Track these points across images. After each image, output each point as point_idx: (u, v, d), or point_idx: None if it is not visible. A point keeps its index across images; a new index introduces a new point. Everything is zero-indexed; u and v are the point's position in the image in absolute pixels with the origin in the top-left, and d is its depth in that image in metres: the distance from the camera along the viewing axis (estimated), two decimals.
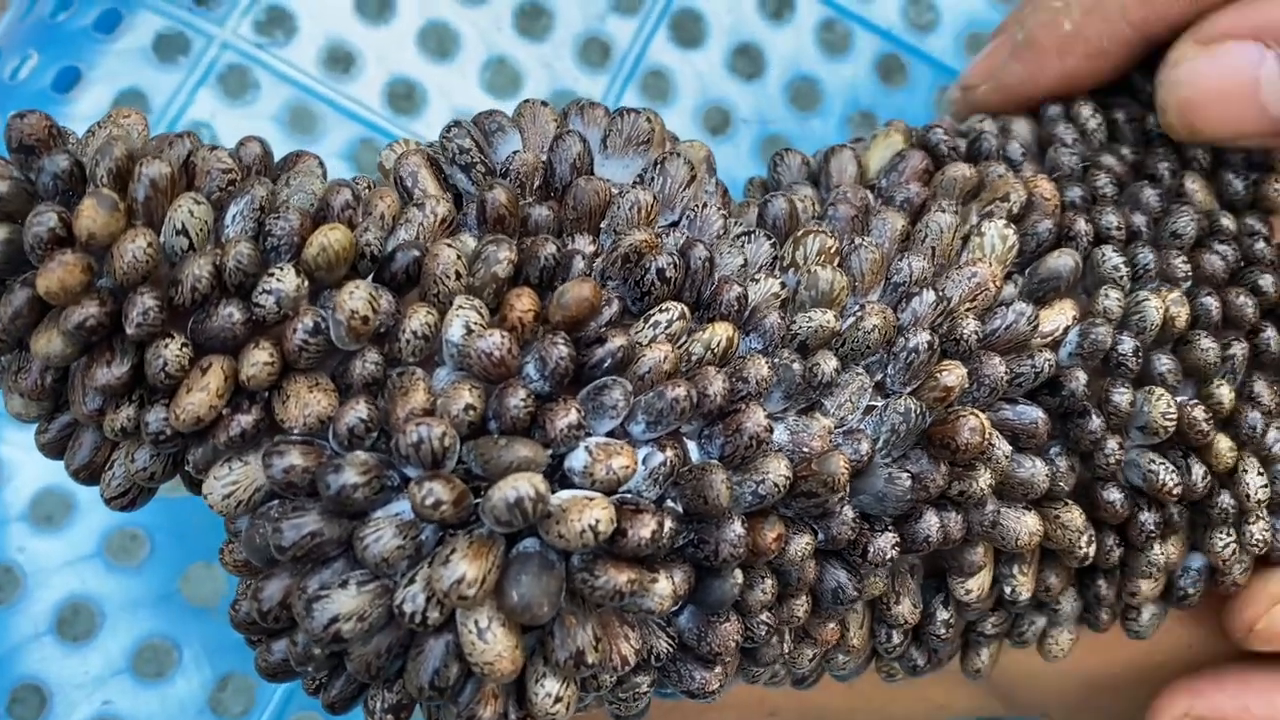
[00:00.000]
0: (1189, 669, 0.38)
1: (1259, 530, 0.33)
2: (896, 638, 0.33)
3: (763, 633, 0.29)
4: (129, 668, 0.45)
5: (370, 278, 0.28)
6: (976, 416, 0.29)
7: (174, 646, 0.45)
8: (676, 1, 0.54)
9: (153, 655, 0.45)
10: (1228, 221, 0.35)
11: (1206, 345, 0.33)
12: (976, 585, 0.32)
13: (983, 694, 0.41)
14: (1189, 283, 0.34)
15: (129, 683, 0.44)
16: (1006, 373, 0.30)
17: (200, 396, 0.26)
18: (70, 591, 0.45)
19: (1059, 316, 0.32)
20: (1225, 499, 0.33)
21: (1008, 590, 0.33)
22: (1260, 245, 0.35)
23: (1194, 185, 0.35)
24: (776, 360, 0.29)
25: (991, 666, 0.36)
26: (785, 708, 0.41)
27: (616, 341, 0.27)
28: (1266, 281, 0.34)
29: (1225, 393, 0.32)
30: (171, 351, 0.26)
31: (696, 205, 0.31)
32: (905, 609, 0.32)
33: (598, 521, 0.25)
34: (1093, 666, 0.39)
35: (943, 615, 0.33)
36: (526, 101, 0.32)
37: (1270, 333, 0.34)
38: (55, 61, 0.49)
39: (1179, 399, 0.32)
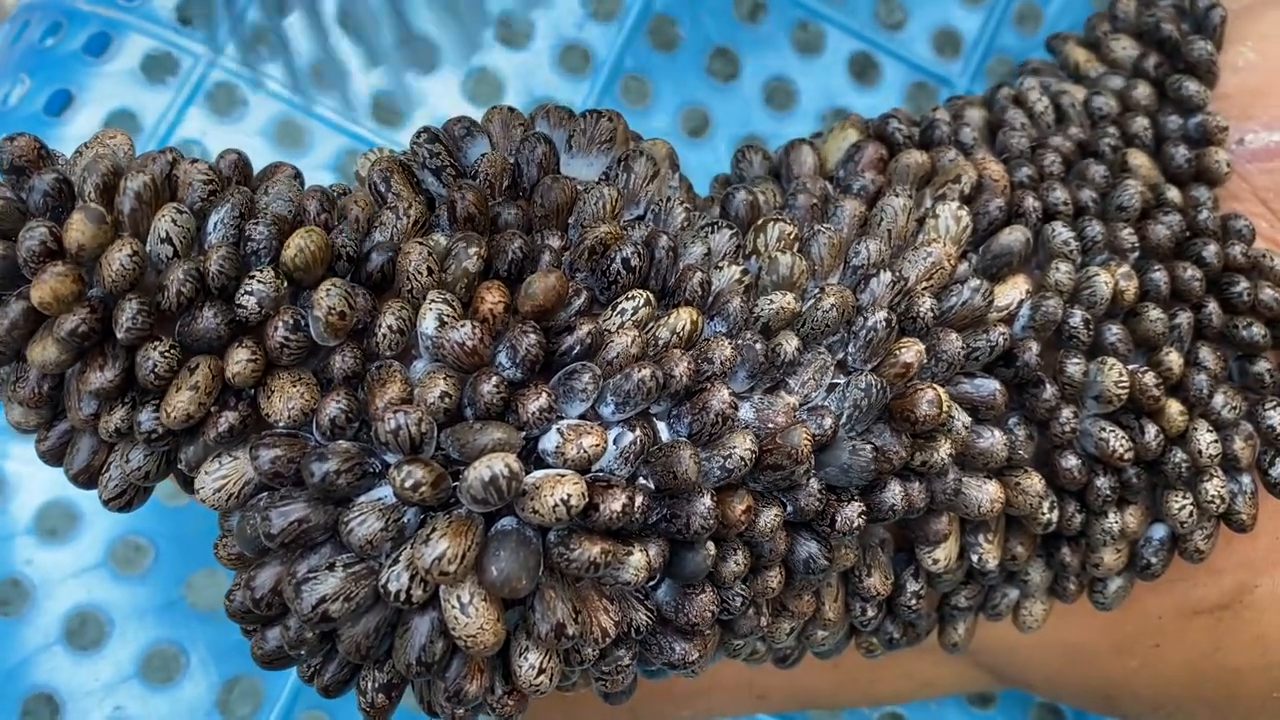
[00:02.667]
0: (1160, 639, 0.39)
1: (1214, 487, 0.34)
2: (870, 610, 0.34)
3: (738, 604, 0.30)
4: (138, 674, 0.46)
5: (347, 278, 0.29)
6: (934, 390, 0.30)
7: (181, 652, 0.46)
8: (652, 7, 0.55)
9: (161, 661, 0.47)
10: (1172, 194, 0.36)
11: (1155, 316, 0.34)
12: (943, 554, 0.33)
13: (967, 668, 0.42)
14: (1136, 253, 0.35)
15: (139, 688, 0.46)
16: (963, 348, 0.32)
17: (189, 395, 0.28)
18: (78, 602, 0.46)
19: (1012, 291, 0.33)
20: (1178, 456, 0.34)
21: (975, 559, 0.34)
22: (1204, 215, 0.36)
23: (1138, 160, 0.37)
24: (740, 342, 0.30)
25: (968, 640, 0.38)
26: (774, 689, 0.43)
27: (585, 329, 0.29)
28: (1210, 252, 0.35)
29: (1174, 359, 0.34)
30: (160, 353, 0.28)
31: (660, 199, 0.33)
32: (877, 581, 0.33)
33: (569, 496, 0.26)
34: (1069, 637, 0.40)
35: (913, 586, 0.34)
36: (494, 107, 0.34)
37: (1212, 306, 0.35)
38: (47, 85, 0.51)
39: (1130, 367, 0.33)
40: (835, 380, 0.31)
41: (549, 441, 0.28)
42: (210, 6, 0.52)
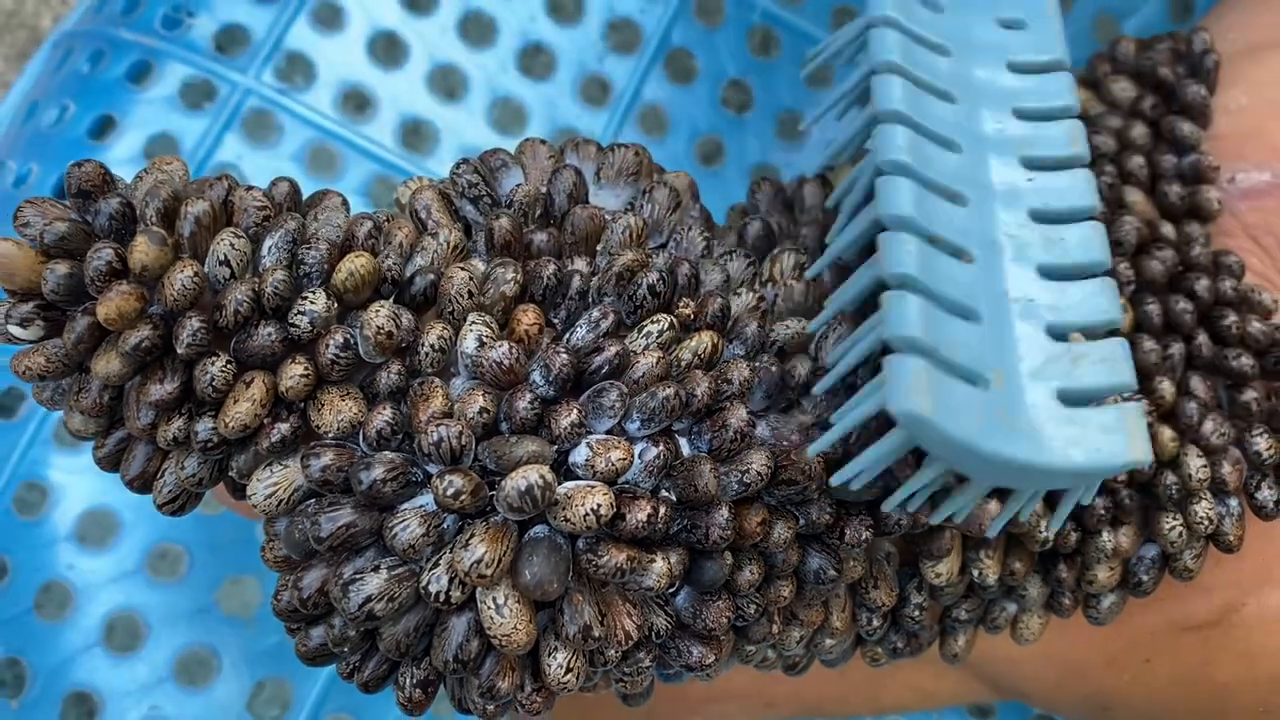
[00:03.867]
0: (1152, 654, 0.41)
1: (1203, 509, 0.36)
2: (876, 621, 0.36)
3: (752, 611, 0.32)
4: (172, 675, 0.48)
5: (392, 299, 0.31)
6: None
7: (214, 655, 0.48)
8: (670, 41, 0.57)
9: (194, 663, 0.48)
10: (1167, 229, 0.38)
11: (1149, 347, 0.36)
12: (946, 569, 0.35)
13: (967, 680, 0.44)
14: (1132, 286, 0.37)
15: (173, 689, 0.48)
16: None
17: (246, 407, 0.30)
18: (116, 605, 0.48)
19: None
20: (1169, 479, 0.35)
21: (976, 574, 0.36)
22: (1197, 250, 0.38)
23: (1134, 197, 0.38)
24: (757, 364, 0.32)
25: (968, 651, 0.39)
26: (783, 697, 0.44)
27: (613, 350, 0.30)
28: (1201, 286, 0.37)
29: (1167, 388, 0.35)
30: (217, 368, 0.30)
31: (682, 228, 0.35)
32: (882, 593, 0.35)
33: (599, 506, 0.28)
34: (1065, 651, 0.41)
35: (916, 599, 0.36)
36: (527, 140, 0.36)
37: (1203, 338, 0.37)
38: (90, 110, 0.53)
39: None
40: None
41: (579, 455, 0.30)
42: (246, 35, 0.54)
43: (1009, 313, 0.30)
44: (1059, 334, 0.30)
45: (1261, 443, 0.36)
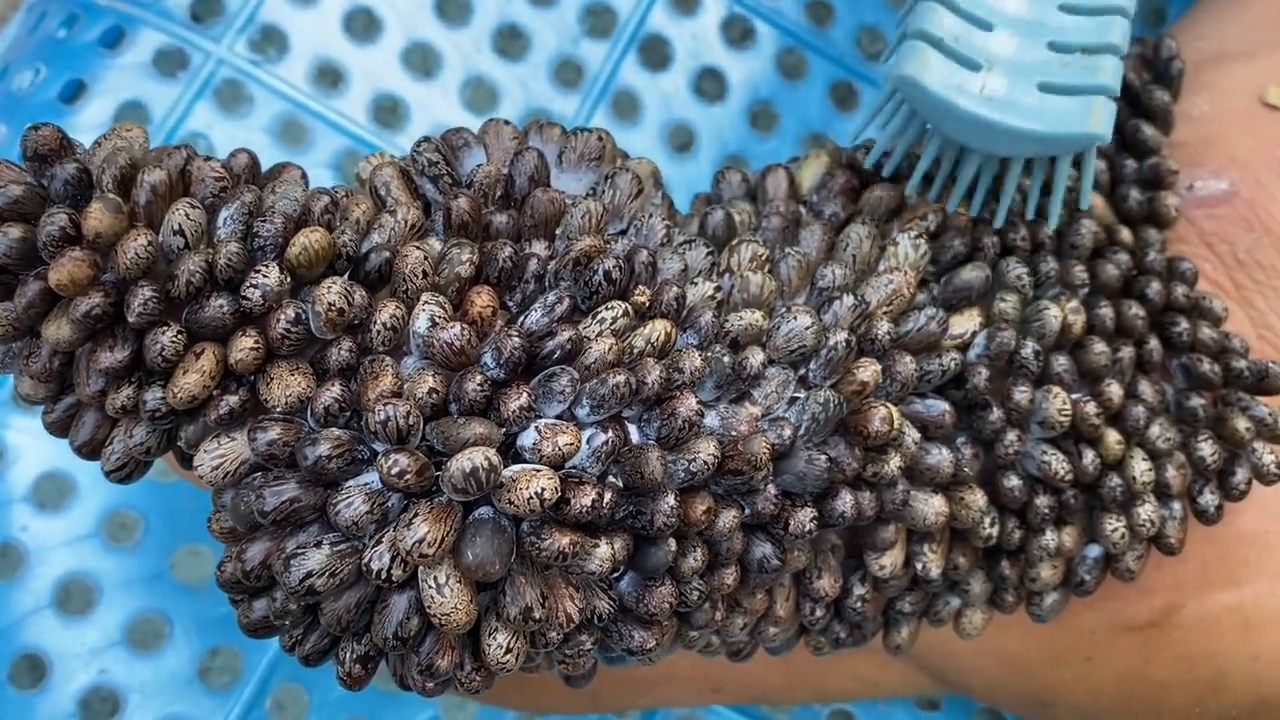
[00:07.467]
0: (1093, 652, 0.41)
1: (1146, 512, 0.36)
2: (819, 611, 0.36)
3: (695, 597, 0.32)
4: (124, 640, 0.48)
5: (346, 276, 0.31)
6: (887, 408, 0.33)
7: (166, 621, 0.48)
8: (645, 27, 0.57)
9: (146, 629, 0.48)
10: (1124, 234, 0.38)
11: (1099, 350, 0.36)
12: (890, 561, 0.36)
13: (910, 672, 0.44)
14: (1086, 289, 0.37)
15: (124, 654, 0.48)
16: (916, 370, 0.34)
17: (195, 378, 0.30)
18: (69, 569, 0.48)
19: (967, 322, 0.36)
20: (1114, 480, 0.36)
21: (919, 567, 0.36)
22: (1152, 255, 0.38)
23: (1093, 200, 0.39)
24: (709, 354, 0.32)
25: (911, 643, 0.40)
26: (728, 683, 0.44)
27: (565, 335, 0.31)
28: (1153, 289, 0.37)
29: (1115, 390, 0.36)
30: (168, 338, 0.30)
31: (643, 215, 0.35)
32: (826, 583, 0.35)
33: (544, 489, 0.28)
34: (1007, 647, 0.42)
35: (859, 590, 0.37)
36: (491, 120, 0.36)
37: (1154, 342, 0.37)
38: (61, 74, 0.53)
39: (1073, 396, 0.36)
40: (796, 394, 0.33)
41: (527, 438, 0.30)
42: (221, 5, 0.54)
43: (1020, 29, 0.35)
44: (1062, 49, 0.35)
45: (1206, 448, 0.37)
